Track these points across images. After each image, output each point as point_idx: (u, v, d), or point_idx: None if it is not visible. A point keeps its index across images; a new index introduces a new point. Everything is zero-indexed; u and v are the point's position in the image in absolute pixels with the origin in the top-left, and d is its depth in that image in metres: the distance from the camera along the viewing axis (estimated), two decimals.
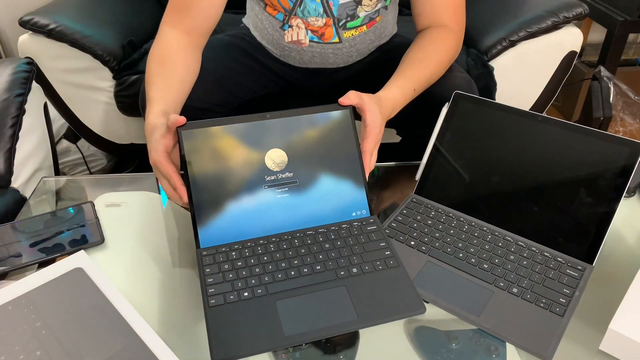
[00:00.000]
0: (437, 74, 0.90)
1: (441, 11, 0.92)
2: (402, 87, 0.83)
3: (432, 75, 0.88)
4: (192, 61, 0.85)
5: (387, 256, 0.68)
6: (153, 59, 0.83)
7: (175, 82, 0.80)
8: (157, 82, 0.79)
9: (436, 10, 0.92)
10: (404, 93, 0.83)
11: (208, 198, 0.69)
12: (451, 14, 0.92)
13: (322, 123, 0.74)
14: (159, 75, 0.80)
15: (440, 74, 0.91)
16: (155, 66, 0.82)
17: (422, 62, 0.88)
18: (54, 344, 0.58)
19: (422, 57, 0.88)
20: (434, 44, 0.90)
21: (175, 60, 0.82)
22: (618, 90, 1.64)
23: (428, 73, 0.87)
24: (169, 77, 0.80)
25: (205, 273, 0.65)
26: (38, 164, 1.02)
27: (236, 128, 0.71)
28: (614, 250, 0.75)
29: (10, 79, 1.01)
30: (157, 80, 0.80)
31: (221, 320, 0.60)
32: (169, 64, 0.82)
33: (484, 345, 0.61)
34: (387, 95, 0.80)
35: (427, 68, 0.87)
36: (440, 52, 0.90)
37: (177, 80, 0.81)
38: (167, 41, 0.84)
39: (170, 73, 0.81)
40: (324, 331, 0.60)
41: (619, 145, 0.69)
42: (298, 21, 0.95)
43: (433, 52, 0.89)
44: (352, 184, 0.74)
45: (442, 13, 0.92)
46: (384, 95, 0.80)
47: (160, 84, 0.79)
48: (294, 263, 0.67)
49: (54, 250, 0.73)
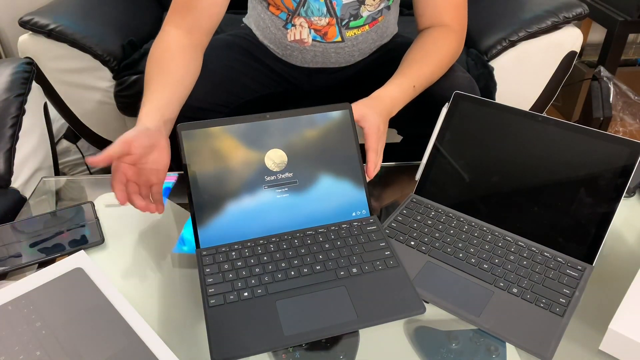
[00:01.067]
0: (437, 73, 0.90)
1: (443, 12, 0.92)
2: (399, 84, 0.83)
3: (432, 73, 0.88)
4: (192, 61, 0.85)
5: (387, 256, 0.68)
6: (152, 58, 0.82)
7: (172, 82, 0.79)
8: (153, 81, 0.79)
9: (438, 11, 0.92)
10: (403, 90, 0.83)
11: (208, 198, 0.69)
12: (453, 14, 0.92)
13: (322, 123, 0.74)
14: (155, 74, 0.80)
15: (441, 73, 0.91)
16: (154, 66, 0.81)
17: (422, 61, 0.88)
18: (54, 344, 0.58)
19: (422, 55, 0.88)
20: (435, 43, 0.90)
21: (173, 60, 0.82)
22: (618, 91, 1.64)
23: (428, 71, 0.87)
24: (166, 77, 0.79)
25: (205, 273, 0.65)
26: (38, 164, 1.02)
27: (236, 128, 0.71)
28: (614, 250, 0.75)
29: (10, 79, 1.01)
30: (153, 79, 0.79)
31: (221, 320, 0.60)
32: (166, 64, 0.81)
33: (484, 345, 0.61)
34: (384, 93, 0.80)
35: (427, 66, 0.87)
36: (441, 51, 0.90)
37: (173, 80, 0.80)
38: (167, 41, 0.84)
39: (167, 73, 0.80)
40: (324, 331, 0.60)
41: (619, 145, 0.69)
42: (301, 20, 0.96)
43: (433, 51, 0.89)
44: (351, 184, 0.74)
45: (444, 13, 0.92)
46: (380, 93, 0.80)
47: (156, 83, 0.78)
48: (294, 263, 0.67)
49: (54, 251, 0.73)
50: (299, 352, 0.59)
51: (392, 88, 0.82)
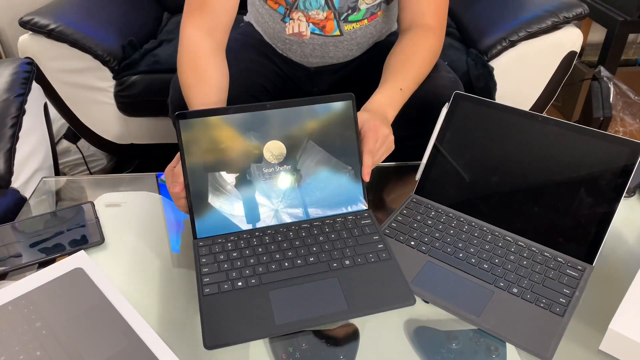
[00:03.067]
0: (423, 73, 0.91)
1: (424, 7, 0.93)
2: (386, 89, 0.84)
3: (417, 74, 0.90)
4: (223, 64, 0.87)
5: (379, 249, 0.69)
6: (185, 67, 0.84)
7: (214, 90, 0.82)
8: (196, 91, 0.81)
9: (420, 7, 0.93)
10: (391, 95, 0.84)
11: (205, 189, 0.70)
12: (433, 11, 0.93)
13: (324, 114, 0.73)
14: (196, 84, 0.82)
15: (426, 71, 0.92)
16: (191, 75, 0.83)
17: (405, 64, 0.89)
18: (54, 344, 0.58)
19: (404, 58, 0.90)
20: (415, 45, 0.92)
21: (207, 66, 0.84)
22: (618, 90, 1.64)
23: (413, 75, 0.88)
24: (207, 85, 0.82)
25: (201, 263, 0.66)
26: (38, 164, 1.02)
27: (235, 118, 0.71)
28: (614, 250, 0.75)
29: (11, 79, 1.01)
30: (195, 89, 0.81)
31: (214, 308, 0.61)
32: (202, 71, 0.83)
33: (484, 345, 0.61)
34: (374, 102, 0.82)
35: (411, 68, 0.89)
36: (422, 51, 0.91)
37: (215, 87, 0.82)
38: (194, 45, 0.85)
39: (207, 81, 0.82)
40: (315, 321, 0.61)
41: (619, 145, 0.69)
42: (299, 14, 0.96)
43: (415, 52, 0.91)
44: (349, 177, 0.74)
45: (425, 9, 0.93)
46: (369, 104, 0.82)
47: (199, 92, 0.81)
48: (288, 255, 0.68)
49: (54, 251, 0.73)
50: (299, 352, 0.60)
51: (377, 96, 0.84)
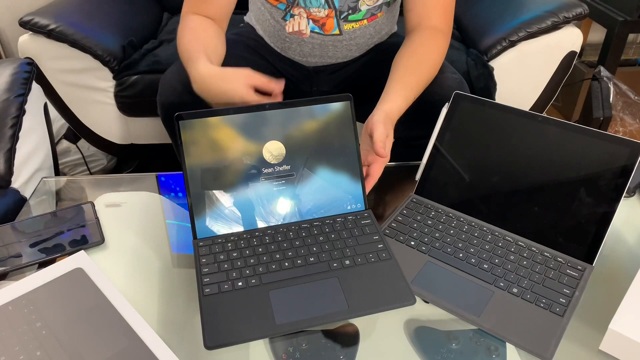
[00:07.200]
0: (432, 76, 0.91)
1: (431, 10, 0.93)
2: (406, 97, 0.83)
3: (428, 79, 0.89)
4: (222, 36, 0.90)
5: (379, 249, 0.69)
6: (184, 33, 0.87)
7: (213, 43, 0.85)
8: (194, 45, 0.83)
9: (427, 9, 0.93)
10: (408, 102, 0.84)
11: (205, 189, 0.70)
12: (440, 13, 0.93)
13: (322, 115, 0.74)
14: (194, 40, 0.84)
15: (435, 73, 0.92)
16: (189, 36, 0.86)
17: (418, 67, 0.88)
18: (54, 344, 0.58)
19: (416, 61, 0.89)
20: (425, 47, 0.91)
21: (207, 30, 0.88)
22: (618, 90, 1.64)
23: (425, 78, 0.88)
24: (206, 40, 0.85)
25: (201, 263, 0.66)
26: (38, 164, 1.01)
27: (235, 119, 0.71)
28: (614, 250, 0.75)
29: (11, 79, 1.01)
30: (194, 44, 0.83)
31: (215, 308, 0.61)
32: (201, 33, 0.86)
33: (484, 345, 0.61)
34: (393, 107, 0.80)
35: (423, 73, 0.88)
36: (433, 54, 0.91)
37: (213, 44, 0.85)
38: (194, 21, 0.89)
39: (205, 38, 0.86)
40: (315, 320, 0.61)
41: (619, 145, 0.69)
42: (300, 10, 0.96)
43: (427, 55, 0.90)
44: (349, 178, 0.74)
45: (432, 11, 0.93)
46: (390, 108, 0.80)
47: (198, 44, 0.83)
48: (288, 255, 0.68)
49: (54, 251, 0.73)
50: (299, 352, 0.60)
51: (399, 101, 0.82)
